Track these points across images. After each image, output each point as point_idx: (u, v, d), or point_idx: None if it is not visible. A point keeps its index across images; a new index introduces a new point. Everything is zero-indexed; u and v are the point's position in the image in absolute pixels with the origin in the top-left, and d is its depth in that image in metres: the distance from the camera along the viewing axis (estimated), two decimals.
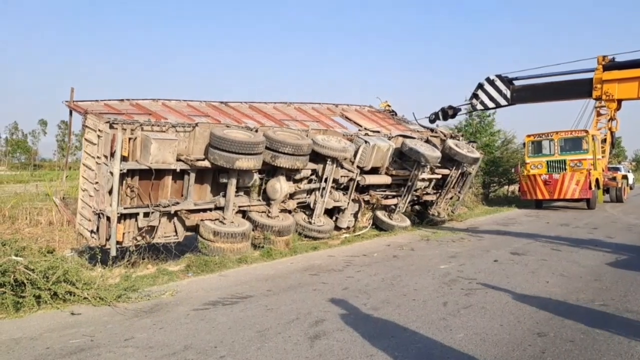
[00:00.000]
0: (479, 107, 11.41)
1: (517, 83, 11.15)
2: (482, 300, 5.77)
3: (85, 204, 8.70)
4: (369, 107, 15.26)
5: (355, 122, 13.24)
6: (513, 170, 21.58)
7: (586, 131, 18.78)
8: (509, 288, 6.33)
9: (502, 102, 11.15)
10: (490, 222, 14.98)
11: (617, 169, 25.53)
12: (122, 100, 9.62)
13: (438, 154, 12.46)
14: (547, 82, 10.77)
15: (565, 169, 18.15)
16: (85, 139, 8.77)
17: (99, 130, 8.28)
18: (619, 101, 12.16)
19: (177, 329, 5.02)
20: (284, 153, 9.35)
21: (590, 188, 17.66)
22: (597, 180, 18.57)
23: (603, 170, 20.12)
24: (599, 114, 20.38)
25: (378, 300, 5.90)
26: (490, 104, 11.22)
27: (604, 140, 20.16)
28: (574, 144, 18.68)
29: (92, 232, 8.35)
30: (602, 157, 19.92)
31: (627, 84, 10.02)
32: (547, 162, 18.70)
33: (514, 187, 24.63)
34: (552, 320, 4.95)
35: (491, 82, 11.23)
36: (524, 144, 19.96)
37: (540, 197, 18.69)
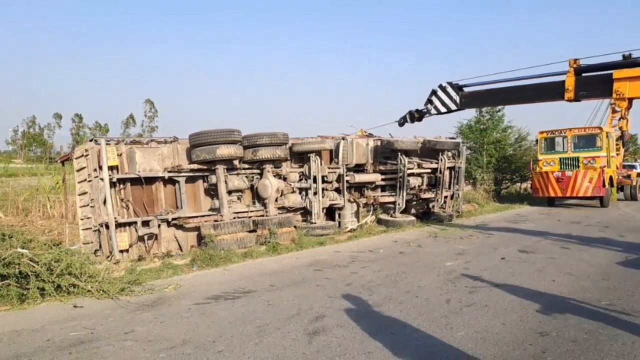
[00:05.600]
0: (433, 111, 11.70)
1: (467, 89, 11.45)
2: (486, 299, 5.69)
3: (86, 230, 9.02)
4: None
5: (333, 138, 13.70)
6: (526, 168, 21.35)
7: (600, 128, 18.48)
8: (515, 286, 6.24)
9: (453, 107, 11.54)
10: (501, 219, 14.82)
11: (632, 167, 25.11)
12: None
13: (414, 140, 13.25)
14: (507, 87, 10.92)
15: (579, 167, 17.89)
16: (77, 171, 9.24)
17: (85, 150, 8.77)
18: (630, 100, 11.97)
19: (177, 323, 5.03)
20: (262, 145, 9.97)
21: (603, 186, 17.39)
22: (610, 178, 18.27)
23: (617, 168, 19.79)
24: (614, 111, 20.02)
25: (380, 297, 5.86)
26: (443, 109, 11.57)
27: (619, 138, 19.82)
28: (587, 141, 18.40)
29: (96, 251, 8.59)
30: (617, 154, 19.59)
31: (638, 82, 9.84)
32: (560, 159, 18.45)
33: (527, 184, 24.35)
34: (555, 319, 4.86)
35: (443, 89, 11.56)
36: (537, 140, 19.73)
37: (552, 194, 18.45)
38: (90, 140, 8.73)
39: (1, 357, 4.22)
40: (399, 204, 12.77)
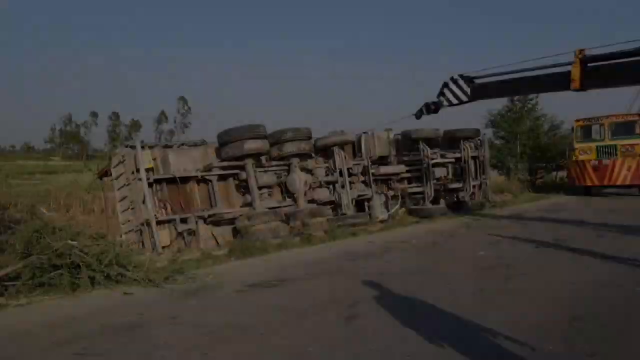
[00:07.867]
0: (445, 103, 11.69)
1: (478, 81, 11.43)
2: (519, 286, 5.76)
3: (128, 233, 9.43)
4: None
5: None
6: (561, 156, 20.98)
7: (639, 115, 18.01)
8: (548, 274, 6.28)
9: (464, 98, 11.51)
10: (536, 209, 14.67)
11: None
12: None
13: (433, 128, 13.61)
14: (515, 78, 10.86)
15: (616, 155, 17.49)
16: (115, 179, 9.61)
17: (122, 156, 9.21)
18: None
19: (220, 309, 5.31)
20: (287, 140, 10.27)
21: None
22: None
23: None
24: None
25: (414, 285, 5.98)
26: (455, 101, 11.57)
27: None
28: (625, 128, 17.93)
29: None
30: None
31: None
32: (597, 147, 18.05)
33: (563, 173, 23.90)
34: (589, 305, 4.91)
35: (454, 81, 11.53)
36: (573, 128, 19.35)
37: (589, 183, 18.08)
38: (126, 147, 9.18)
39: (61, 340, 4.55)
40: (428, 193, 13.03)
